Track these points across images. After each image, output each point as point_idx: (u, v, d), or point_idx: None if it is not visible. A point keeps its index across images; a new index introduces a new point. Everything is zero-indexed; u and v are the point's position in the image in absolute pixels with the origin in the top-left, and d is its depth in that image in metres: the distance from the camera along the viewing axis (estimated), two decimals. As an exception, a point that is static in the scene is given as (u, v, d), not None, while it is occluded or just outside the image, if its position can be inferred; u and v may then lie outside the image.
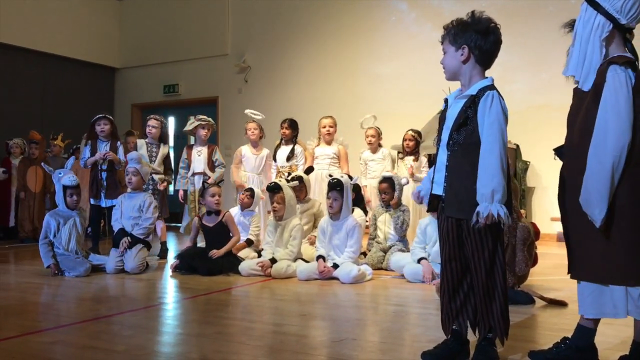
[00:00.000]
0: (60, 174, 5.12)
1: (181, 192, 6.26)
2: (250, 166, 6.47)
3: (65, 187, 5.05)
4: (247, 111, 6.72)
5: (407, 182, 5.67)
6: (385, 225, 5.38)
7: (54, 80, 10.78)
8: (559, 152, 2.46)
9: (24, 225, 7.86)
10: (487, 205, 2.23)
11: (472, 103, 2.32)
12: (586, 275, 2.30)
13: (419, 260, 4.60)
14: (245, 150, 6.53)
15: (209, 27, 10.86)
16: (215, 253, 5.01)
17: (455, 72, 2.42)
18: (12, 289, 4.45)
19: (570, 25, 2.40)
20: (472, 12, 2.38)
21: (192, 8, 11.03)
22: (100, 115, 6.12)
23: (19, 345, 2.77)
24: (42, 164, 5.72)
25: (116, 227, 5.25)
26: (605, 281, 2.23)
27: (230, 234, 5.21)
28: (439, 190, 2.41)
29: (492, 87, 2.34)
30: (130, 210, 5.22)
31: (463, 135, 2.32)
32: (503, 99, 2.33)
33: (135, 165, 5.28)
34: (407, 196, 5.86)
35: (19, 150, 8.31)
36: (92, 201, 5.97)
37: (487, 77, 2.39)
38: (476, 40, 2.34)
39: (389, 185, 5.38)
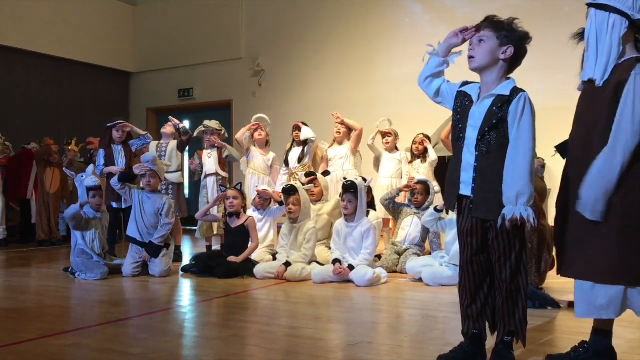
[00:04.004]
0: (82, 176, 5.20)
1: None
2: (258, 166, 6.51)
3: (88, 189, 5.11)
4: (258, 116, 6.75)
5: (440, 190, 5.68)
6: (411, 227, 5.36)
7: (69, 86, 10.90)
8: (562, 148, 2.43)
9: (42, 227, 7.94)
10: (512, 208, 2.22)
11: (505, 103, 2.28)
12: (577, 273, 2.28)
13: None
14: (253, 149, 6.57)
15: (223, 31, 10.91)
16: (233, 259, 5.04)
17: (487, 65, 2.35)
18: (31, 292, 4.50)
19: (580, 35, 2.38)
20: (515, 19, 2.36)
21: (206, 12, 11.09)
22: (119, 121, 6.17)
23: (38, 347, 2.80)
24: (64, 168, 5.80)
25: (131, 227, 5.24)
26: (597, 279, 2.22)
27: (250, 240, 5.26)
28: (467, 190, 2.37)
29: (520, 88, 2.32)
30: (150, 213, 5.22)
31: (494, 137, 2.29)
32: (531, 101, 2.30)
33: (152, 167, 5.29)
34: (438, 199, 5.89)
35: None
36: (114, 205, 5.99)
37: (510, 78, 2.37)
38: (520, 47, 2.34)
39: (423, 188, 5.35)
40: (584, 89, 2.37)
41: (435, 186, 5.55)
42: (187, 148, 6.70)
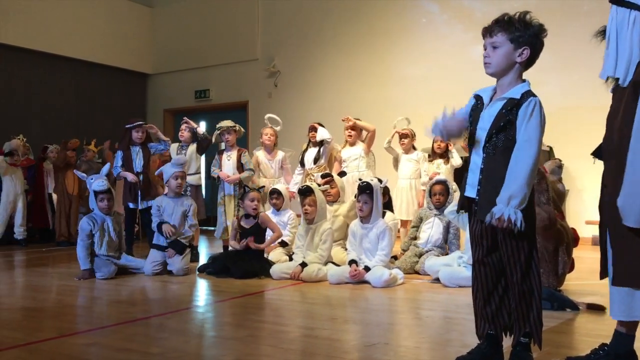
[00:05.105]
0: (91, 179, 5.22)
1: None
2: (269, 172, 6.53)
3: (95, 192, 5.14)
4: (268, 116, 6.77)
5: (457, 189, 5.67)
6: (433, 228, 5.34)
7: (87, 87, 11.03)
8: (598, 154, 2.38)
9: (61, 228, 8.04)
10: (502, 208, 2.20)
11: (515, 107, 2.26)
12: (630, 280, 2.23)
13: None
14: (261, 156, 6.58)
15: (239, 33, 10.96)
16: (251, 243, 5.13)
17: (503, 69, 2.32)
18: (50, 292, 4.56)
19: (602, 32, 2.34)
20: (526, 12, 2.30)
21: (222, 14, 11.15)
22: (139, 122, 6.22)
23: (57, 346, 2.83)
24: (75, 170, 5.86)
25: (158, 236, 5.29)
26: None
27: (272, 232, 5.37)
28: (472, 192, 2.37)
29: (533, 92, 2.28)
30: (177, 215, 5.27)
31: (502, 140, 2.28)
32: (542, 106, 2.28)
33: (184, 169, 5.41)
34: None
35: (55, 156, 8.49)
36: (130, 205, 6.06)
37: (524, 80, 2.34)
38: (536, 44, 2.29)
39: (444, 188, 5.33)
40: (613, 92, 2.32)
41: (453, 185, 5.56)
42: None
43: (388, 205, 5.49)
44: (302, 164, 6.57)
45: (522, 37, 2.28)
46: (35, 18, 9.99)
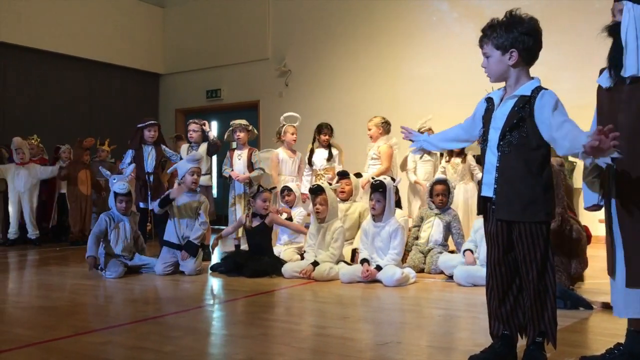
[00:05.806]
0: (114, 179, 5.27)
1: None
2: (288, 170, 6.54)
3: (115, 194, 5.18)
4: (287, 114, 6.76)
5: (454, 187, 5.70)
6: (433, 228, 5.33)
7: (99, 87, 11.10)
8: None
9: (75, 227, 8.08)
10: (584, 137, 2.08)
11: (526, 104, 2.28)
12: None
13: (464, 252, 4.58)
14: (282, 154, 6.57)
15: (250, 32, 10.98)
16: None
17: (502, 75, 2.37)
18: (64, 290, 4.59)
19: (608, 29, 2.31)
20: (511, 12, 2.33)
21: (233, 13, 11.18)
22: (151, 121, 6.24)
23: (72, 344, 2.86)
24: (100, 168, 5.92)
25: (170, 232, 5.29)
26: None
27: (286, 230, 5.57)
28: (489, 192, 2.37)
29: (543, 87, 2.30)
30: (191, 212, 5.29)
31: (516, 137, 2.29)
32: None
33: (199, 165, 5.44)
34: (457, 201, 5.87)
35: (68, 156, 8.54)
36: (141, 205, 6.10)
37: (534, 78, 2.36)
38: (523, 41, 2.30)
39: (445, 188, 5.34)
40: (615, 86, 2.29)
41: (453, 183, 5.57)
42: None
43: (397, 204, 5.49)
44: (311, 164, 6.58)
45: (506, 41, 2.31)
46: (46, 18, 10.06)
